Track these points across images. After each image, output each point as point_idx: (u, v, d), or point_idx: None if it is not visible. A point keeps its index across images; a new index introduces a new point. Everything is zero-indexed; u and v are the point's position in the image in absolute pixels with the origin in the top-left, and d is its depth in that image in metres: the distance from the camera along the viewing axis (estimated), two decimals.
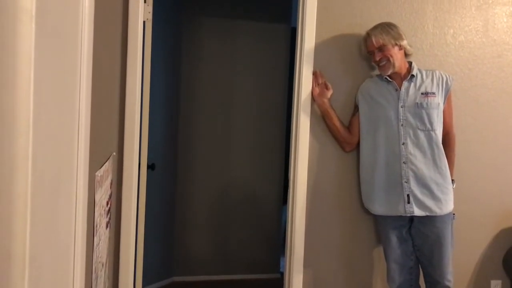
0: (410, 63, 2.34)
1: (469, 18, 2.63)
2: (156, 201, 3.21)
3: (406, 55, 2.32)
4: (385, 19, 2.41)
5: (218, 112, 3.67)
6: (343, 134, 2.41)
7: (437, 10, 2.58)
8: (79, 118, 0.87)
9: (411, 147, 2.23)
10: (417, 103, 2.24)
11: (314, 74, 2.41)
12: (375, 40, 2.25)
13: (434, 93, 2.25)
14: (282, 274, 3.78)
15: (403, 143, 2.24)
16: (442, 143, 2.27)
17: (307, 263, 2.47)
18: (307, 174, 2.44)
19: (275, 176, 3.80)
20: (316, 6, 2.42)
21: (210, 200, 3.70)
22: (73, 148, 0.85)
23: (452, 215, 2.27)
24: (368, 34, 2.30)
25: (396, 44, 2.24)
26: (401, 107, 2.25)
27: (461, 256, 2.60)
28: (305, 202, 2.44)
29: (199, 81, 3.63)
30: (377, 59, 2.27)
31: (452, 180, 2.29)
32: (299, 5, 2.47)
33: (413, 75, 2.28)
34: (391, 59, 2.23)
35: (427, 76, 2.30)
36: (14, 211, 0.63)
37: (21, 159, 0.62)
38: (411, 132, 2.24)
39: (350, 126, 2.43)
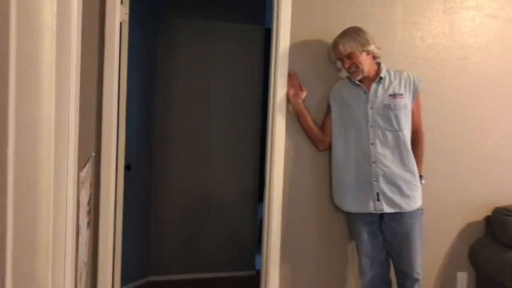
0: (378, 64, 2.42)
1: (436, 21, 2.74)
2: (132, 201, 3.21)
3: (374, 57, 2.40)
4: (357, 22, 2.48)
5: (194, 112, 3.70)
6: (316, 133, 2.48)
7: (406, 13, 2.68)
8: (69, 119, 0.90)
9: (380, 147, 2.32)
10: (385, 104, 2.32)
11: (289, 75, 2.47)
12: (343, 49, 2.30)
13: (402, 94, 2.34)
14: (257, 271, 3.84)
15: (372, 144, 2.32)
16: (412, 141, 2.37)
17: (284, 259, 2.53)
18: (283, 173, 2.50)
19: (250, 174, 3.85)
20: (290, 8, 2.48)
21: (186, 199, 3.72)
22: (65, 148, 0.88)
23: (420, 210, 2.37)
24: (336, 42, 2.35)
25: (364, 50, 2.30)
26: (370, 109, 2.34)
27: (429, 249, 2.71)
28: (281, 199, 2.50)
29: (175, 81, 3.64)
30: (346, 66, 2.34)
31: (421, 176, 2.39)
32: (274, 7, 2.52)
33: (381, 77, 2.37)
34: (360, 65, 2.30)
35: (395, 78, 2.39)
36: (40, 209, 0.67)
37: (45, 160, 0.68)
38: (379, 132, 2.32)
39: (323, 126, 2.50)
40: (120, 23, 2.22)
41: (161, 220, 3.66)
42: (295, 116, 2.50)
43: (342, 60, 2.37)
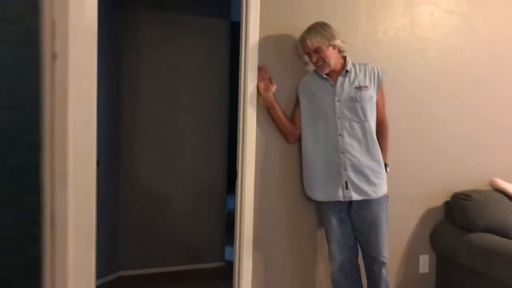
0: (344, 58, 2.51)
1: (398, 16, 2.85)
2: (100, 196, 3.18)
3: (340, 51, 2.48)
4: (323, 17, 2.56)
5: (161, 106, 3.69)
6: (287, 126, 2.54)
7: (369, 8, 2.78)
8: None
9: (347, 138, 2.41)
10: (352, 97, 2.41)
11: (259, 69, 2.52)
12: (310, 43, 2.37)
13: (366, 86, 2.44)
14: (227, 262, 3.90)
15: (340, 135, 2.41)
16: (377, 131, 2.47)
17: (256, 249, 2.59)
18: (254, 165, 2.55)
19: (218, 167, 3.88)
20: (259, 2, 2.51)
21: (154, 193, 3.72)
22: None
23: (386, 197, 2.48)
24: (303, 37, 2.41)
25: (330, 45, 2.38)
26: (337, 101, 2.42)
27: (394, 234, 2.85)
28: (253, 191, 2.55)
29: (141, 76, 3.61)
30: (314, 60, 2.42)
31: (386, 164, 2.50)
32: (243, 1, 2.54)
33: (347, 71, 2.45)
34: (326, 60, 2.38)
35: (360, 70, 2.48)
36: None
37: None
38: (347, 124, 2.41)
39: (292, 118, 2.57)
40: None
41: (130, 215, 3.64)
42: (265, 109, 2.55)
43: (309, 54, 2.43)
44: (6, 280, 0.69)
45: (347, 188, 2.40)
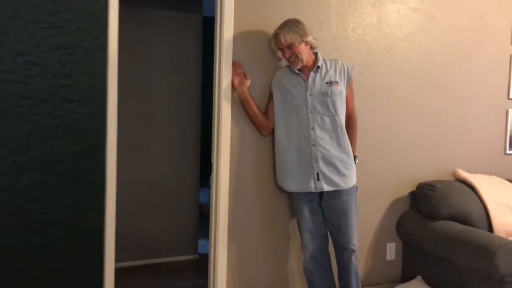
0: (316, 54, 2.59)
1: (366, 14, 2.96)
2: None
3: (312, 47, 2.57)
4: (295, 13, 2.64)
5: (133, 100, 3.68)
6: (261, 119, 2.61)
7: (339, 5, 2.87)
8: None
9: (319, 131, 2.50)
10: (323, 91, 2.50)
11: (234, 64, 2.57)
12: (283, 39, 2.44)
13: (337, 82, 2.53)
14: (200, 255, 3.95)
15: (312, 128, 2.50)
16: (346, 125, 2.57)
17: (231, 241, 2.65)
18: (229, 158, 2.61)
19: (191, 160, 3.91)
20: None
21: (128, 186, 3.71)
22: None
23: (355, 188, 2.59)
24: (277, 34, 2.48)
25: (303, 41, 2.46)
26: (309, 96, 2.51)
27: (362, 223, 2.96)
28: (228, 184, 2.61)
29: None
30: (287, 56, 2.49)
31: (355, 156, 2.61)
32: None
33: (318, 66, 2.54)
34: (299, 55, 2.46)
35: (331, 66, 2.57)
36: None
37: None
38: (318, 118, 2.50)
39: (266, 112, 2.64)
40: None
41: None
42: (240, 104, 2.61)
43: (282, 50, 2.50)
44: (75, 239, 0.99)
45: (318, 179, 2.49)
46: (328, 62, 2.59)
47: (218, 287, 2.62)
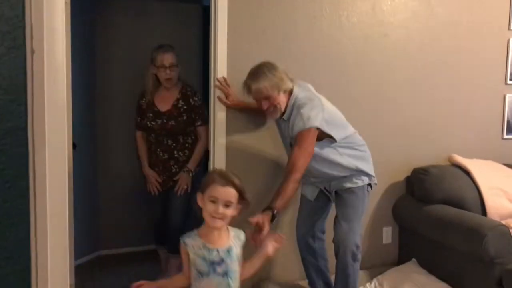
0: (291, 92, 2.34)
1: (360, 1, 2.98)
2: (79, 178, 3.27)
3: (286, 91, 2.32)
4: (289, 1, 2.68)
5: (134, 90, 3.73)
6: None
7: None
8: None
9: (314, 163, 2.36)
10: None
11: (220, 83, 2.61)
12: (260, 92, 2.24)
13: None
14: None
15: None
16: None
17: None
18: (225, 147, 2.71)
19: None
20: None
21: (130, 174, 3.77)
22: None
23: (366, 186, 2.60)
24: (249, 86, 2.25)
25: (281, 91, 2.25)
26: (290, 138, 2.35)
27: None
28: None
29: (115, 61, 3.68)
30: (265, 108, 2.28)
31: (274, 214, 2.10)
32: None
33: (284, 119, 2.34)
34: (278, 106, 2.27)
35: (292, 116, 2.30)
36: None
37: None
38: None
39: None
40: None
41: (108, 196, 3.74)
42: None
43: (259, 101, 2.31)
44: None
45: (327, 191, 2.55)
46: (294, 111, 2.29)
47: None
